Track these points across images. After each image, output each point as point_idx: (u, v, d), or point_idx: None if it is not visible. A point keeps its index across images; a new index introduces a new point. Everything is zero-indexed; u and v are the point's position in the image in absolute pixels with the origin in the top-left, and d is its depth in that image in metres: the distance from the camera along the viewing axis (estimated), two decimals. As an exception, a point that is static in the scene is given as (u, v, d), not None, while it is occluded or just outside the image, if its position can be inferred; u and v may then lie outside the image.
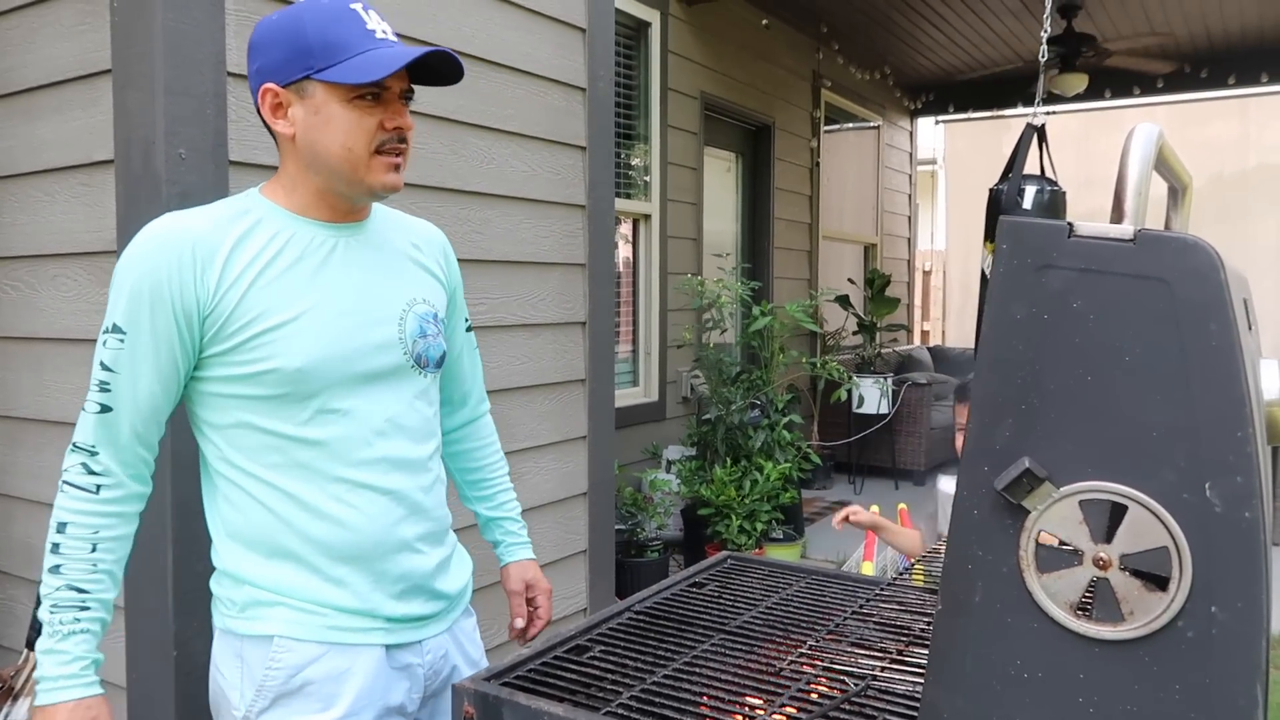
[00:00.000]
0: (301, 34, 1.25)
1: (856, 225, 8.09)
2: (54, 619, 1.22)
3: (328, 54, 1.25)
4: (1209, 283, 0.82)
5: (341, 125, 1.27)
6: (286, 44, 1.26)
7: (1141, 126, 0.96)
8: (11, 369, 2.37)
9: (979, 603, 0.92)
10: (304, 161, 1.32)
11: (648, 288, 5.19)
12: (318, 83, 1.26)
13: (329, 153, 1.29)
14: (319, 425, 1.31)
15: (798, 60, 6.81)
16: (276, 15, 1.30)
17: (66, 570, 1.23)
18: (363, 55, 1.25)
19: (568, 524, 3.14)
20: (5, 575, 2.42)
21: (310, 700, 1.30)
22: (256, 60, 1.31)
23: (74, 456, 1.27)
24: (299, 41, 1.25)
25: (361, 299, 1.35)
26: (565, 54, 3.02)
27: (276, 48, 1.27)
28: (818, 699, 1.23)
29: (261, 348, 1.28)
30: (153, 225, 1.30)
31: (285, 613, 1.31)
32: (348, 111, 1.27)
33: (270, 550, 1.32)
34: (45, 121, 2.22)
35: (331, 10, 1.27)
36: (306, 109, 1.28)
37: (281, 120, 1.30)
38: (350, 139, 1.28)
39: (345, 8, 1.28)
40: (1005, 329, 0.90)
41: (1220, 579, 0.83)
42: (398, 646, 1.38)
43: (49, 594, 1.22)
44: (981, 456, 0.91)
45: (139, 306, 1.24)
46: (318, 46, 1.25)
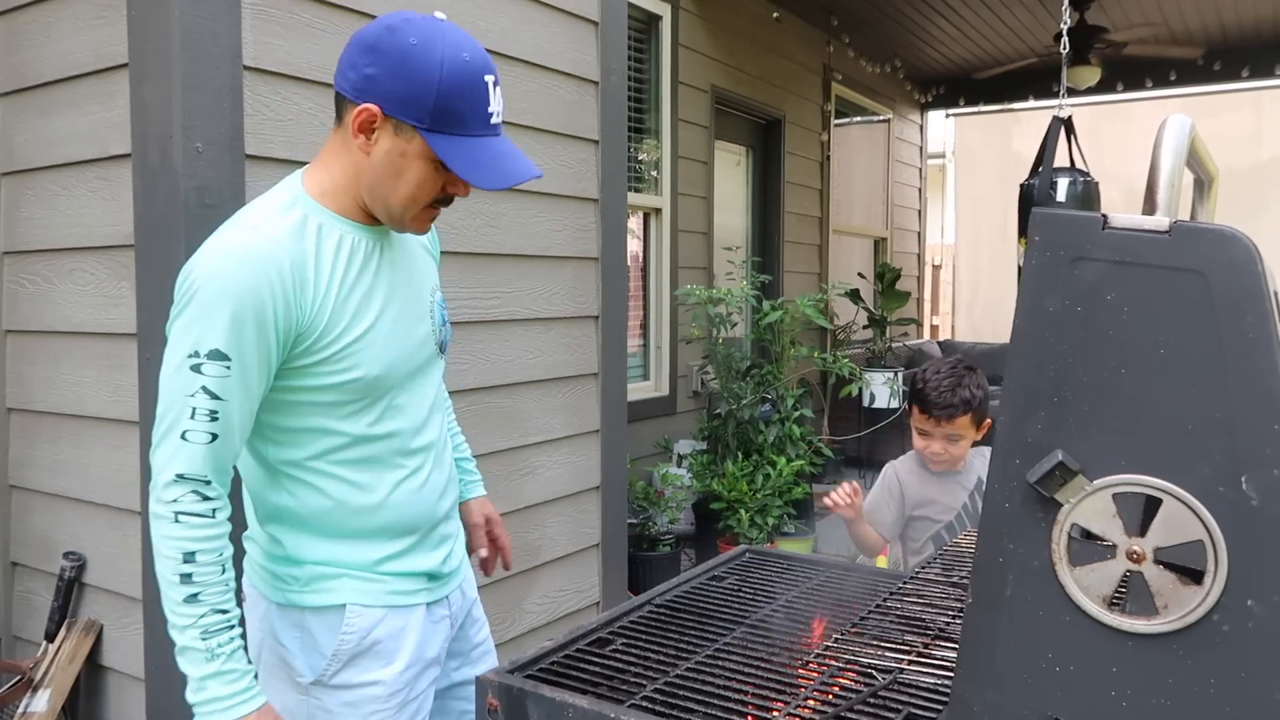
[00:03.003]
0: (430, 87, 1.23)
1: (866, 219, 8.07)
2: (211, 643, 1.23)
3: (445, 120, 1.25)
4: (1246, 274, 0.82)
5: (416, 178, 1.30)
6: (412, 84, 1.24)
7: (1174, 118, 0.95)
8: (28, 363, 2.38)
9: (1010, 596, 0.91)
10: (363, 180, 1.33)
11: (658, 282, 5.18)
12: (422, 137, 1.26)
13: (392, 192, 1.32)
14: (385, 422, 1.39)
15: (808, 53, 6.78)
16: (415, 40, 1.25)
17: (206, 597, 1.24)
18: (476, 141, 1.27)
19: (581, 518, 3.14)
20: (23, 568, 2.43)
21: (377, 658, 1.41)
22: (372, 67, 1.26)
23: (181, 486, 1.24)
24: (425, 93, 1.24)
25: (407, 298, 1.42)
26: (578, 47, 3.01)
27: (400, 79, 1.24)
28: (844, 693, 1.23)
29: (348, 358, 1.32)
30: (236, 242, 1.27)
31: (351, 583, 1.40)
32: (430, 171, 1.30)
33: (333, 532, 1.40)
34: (62, 116, 2.23)
35: (466, 78, 1.25)
36: (395, 146, 1.28)
37: (364, 138, 1.29)
38: (418, 192, 1.31)
39: (479, 80, 1.27)
40: (1038, 321, 0.89)
41: (1256, 572, 0.82)
42: (435, 602, 1.51)
43: (194, 622, 1.23)
44: (1013, 449, 0.90)
45: (243, 331, 1.23)
46: (441, 110, 1.24)
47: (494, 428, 2.78)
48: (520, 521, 2.90)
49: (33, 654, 2.29)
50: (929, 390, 2.27)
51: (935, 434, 2.29)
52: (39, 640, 2.29)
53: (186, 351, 1.23)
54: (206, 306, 1.22)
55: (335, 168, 1.35)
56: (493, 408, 2.77)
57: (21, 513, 2.43)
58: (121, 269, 2.12)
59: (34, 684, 2.19)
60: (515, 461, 2.87)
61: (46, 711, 2.15)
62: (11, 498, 2.44)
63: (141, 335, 2.07)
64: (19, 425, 2.42)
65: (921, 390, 2.29)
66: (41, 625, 2.28)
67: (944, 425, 2.27)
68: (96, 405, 2.21)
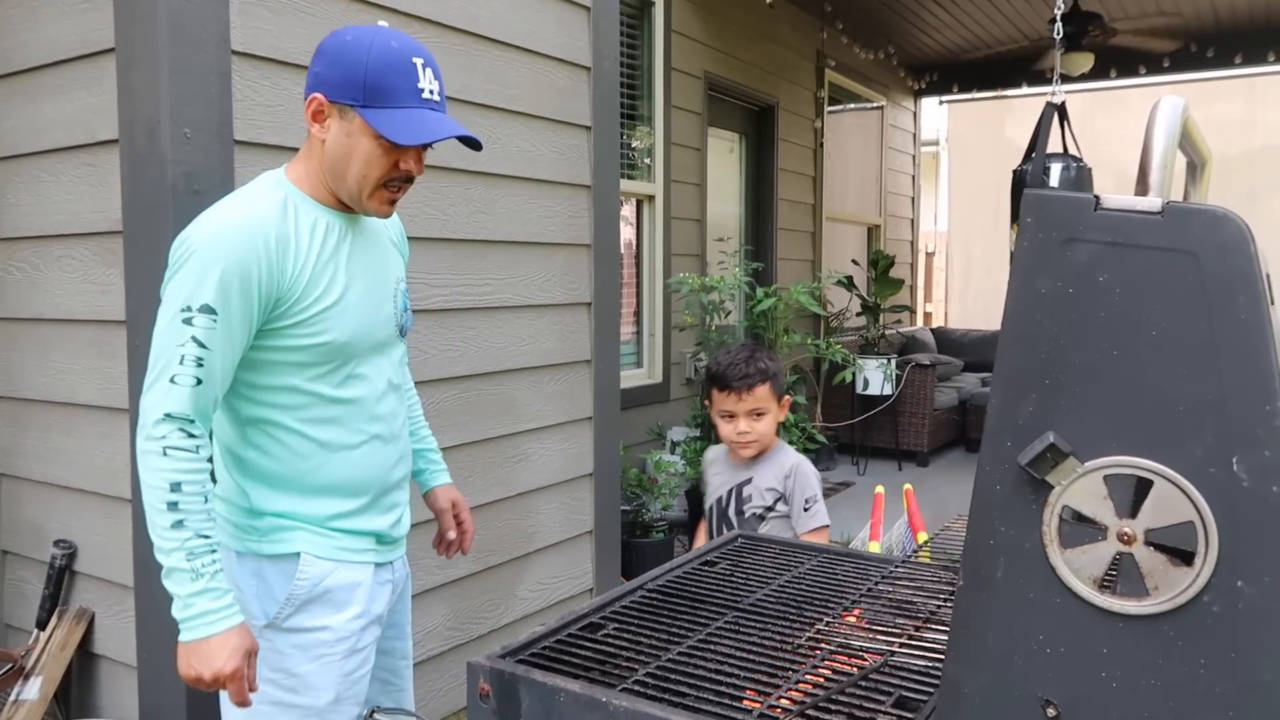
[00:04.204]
0: (361, 68, 1.41)
1: (860, 206, 8.06)
2: (195, 564, 1.36)
3: (377, 96, 1.42)
4: (1238, 255, 0.81)
5: (364, 155, 1.46)
6: (346, 70, 1.42)
7: (1166, 99, 0.95)
8: (17, 350, 2.36)
9: (1001, 578, 0.91)
10: (325, 165, 1.50)
11: (651, 269, 5.17)
12: (358, 114, 1.43)
13: (346, 170, 1.48)
14: (348, 387, 1.54)
15: (802, 40, 6.76)
16: (350, 37, 1.44)
17: (190, 523, 1.37)
18: (405, 111, 1.42)
19: (574, 505, 3.14)
20: (14, 556, 2.42)
21: (328, 606, 1.55)
22: (318, 65, 1.46)
23: (169, 424, 1.37)
24: (356, 74, 1.41)
25: (373, 279, 1.59)
26: (570, 32, 2.99)
27: (337, 68, 1.43)
28: (835, 676, 1.23)
29: (320, 323, 1.48)
30: (229, 214, 1.44)
31: (305, 535, 1.53)
32: (374, 146, 1.45)
33: (293, 487, 1.53)
34: (48, 101, 2.20)
35: (393, 58, 1.43)
36: (342, 128, 1.46)
37: (318, 126, 1.47)
38: (367, 169, 1.47)
39: (406, 60, 1.44)
40: (1030, 303, 0.89)
41: (1247, 553, 0.82)
42: (382, 565, 1.64)
43: (180, 545, 1.36)
44: (1005, 431, 0.90)
45: (229, 289, 1.38)
46: (371, 86, 1.41)
47: (487, 415, 2.77)
48: (513, 508, 2.90)
49: (24, 642, 2.28)
50: (725, 368, 2.29)
51: (739, 411, 2.27)
52: (30, 628, 2.28)
53: (180, 305, 1.38)
54: (200, 266, 1.38)
55: (309, 159, 1.52)
56: (485, 395, 2.76)
57: (12, 501, 2.42)
58: (110, 255, 2.11)
59: (25, 672, 2.18)
60: (508, 448, 2.86)
61: (39, 699, 2.15)
62: (1, 486, 2.43)
63: (131, 322, 2.06)
64: (8, 413, 2.41)
65: (718, 371, 2.29)
66: (33, 613, 2.27)
67: (745, 399, 2.26)
68: (86, 393, 2.20)
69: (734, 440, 2.31)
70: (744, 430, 2.29)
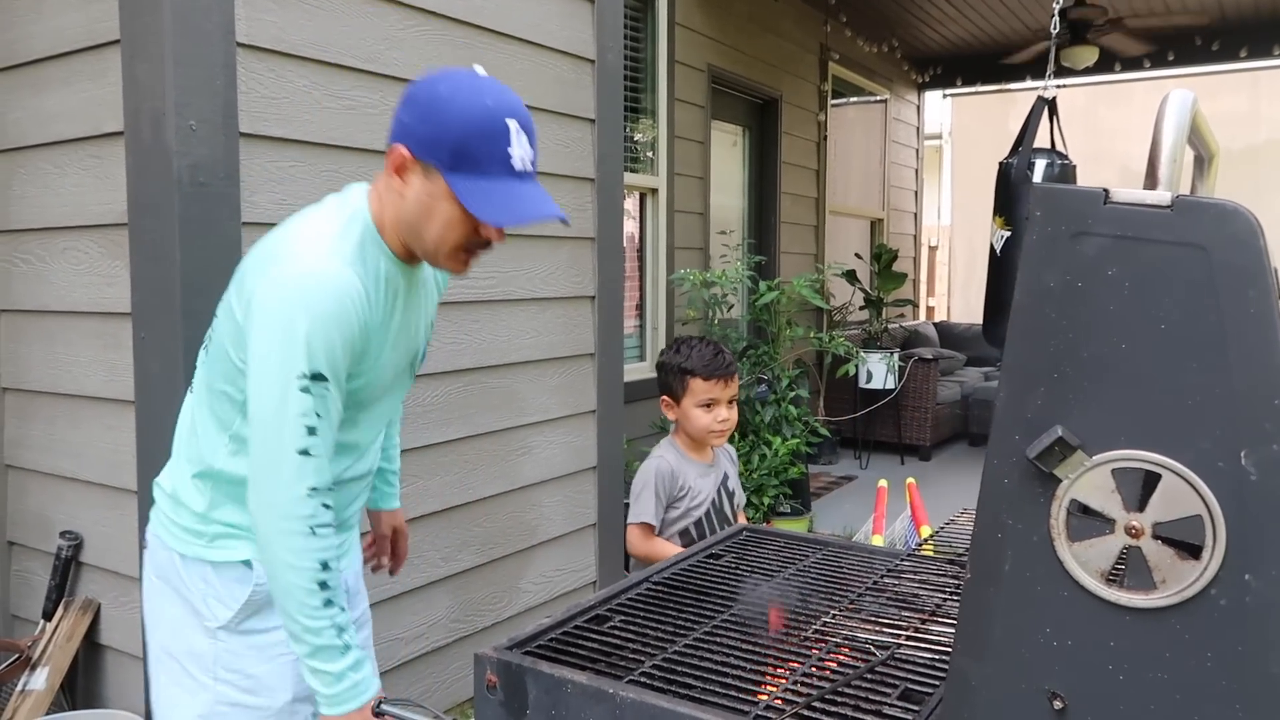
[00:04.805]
0: (449, 129, 1.30)
1: (863, 200, 8.05)
2: (345, 637, 1.33)
3: (464, 161, 1.30)
4: (1248, 249, 0.81)
5: (444, 219, 1.35)
6: (434, 127, 1.31)
7: (1176, 93, 0.94)
8: (23, 342, 2.37)
9: (1009, 571, 0.91)
10: (403, 219, 1.39)
11: (654, 262, 5.17)
12: (443, 178, 1.32)
13: (424, 230, 1.37)
14: (349, 431, 1.46)
15: (805, 33, 6.74)
16: (444, 89, 1.32)
17: (337, 599, 1.32)
18: (493, 183, 1.31)
19: (577, 498, 3.14)
20: (20, 547, 2.43)
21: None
22: (406, 114, 1.35)
23: (315, 499, 1.31)
24: (445, 134, 1.30)
25: (408, 328, 1.51)
26: (574, 25, 2.99)
27: (425, 123, 1.32)
28: (841, 668, 1.24)
29: (360, 376, 1.41)
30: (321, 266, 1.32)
31: (251, 546, 1.45)
32: (456, 212, 1.34)
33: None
34: (54, 93, 2.21)
35: (487, 120, 1.31)
36: (425, 187, 1.34)
37: (399, 180, 1.36)
38: (446, 232, 1.36)
39: (499, 123, 1.31)
40: (1038, 297, 0.89)
41: (1255, 547, 0.82)
42: None
43: (330, 622, 1.32)
44: (1013, 425, 0.90)
45: (336, 358, 1.32)
46: (459, 150, 1.30)
47: (490, 408, 2.77)
48: (517, 501, 2.90)
49: (30, 633, 2.29)
50: (709, 359, 2.33)
51: (723, 398, 2.34)
52: (37, 619, 2.29)
53: (294, 372, 1.29)
54: (308, 331, 1.29)
55: (386, 203, 1.40)
56: (489, 388, 2.77)
57: (18, 492, 2.42)
58: (115, 248, 2.11)
59: (32, 662, 2.19)
60: (512, 441, 2.87)
61: (45, 689, 2.16)
62: (8, 477, 2.44)
63: (136, 314, 2.06)
64: (14, 405, 2.41)
65: (695, 365, 2.33)
66: (39, 604, 2.28)
67: (730, 385, 2.34)
68: (92, 385, 2.20)
69: (714, 429, 2.35)
70: (724, 417, 2.35)
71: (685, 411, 2.35)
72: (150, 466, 2.07)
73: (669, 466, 2.36)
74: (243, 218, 2.08)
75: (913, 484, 3.67)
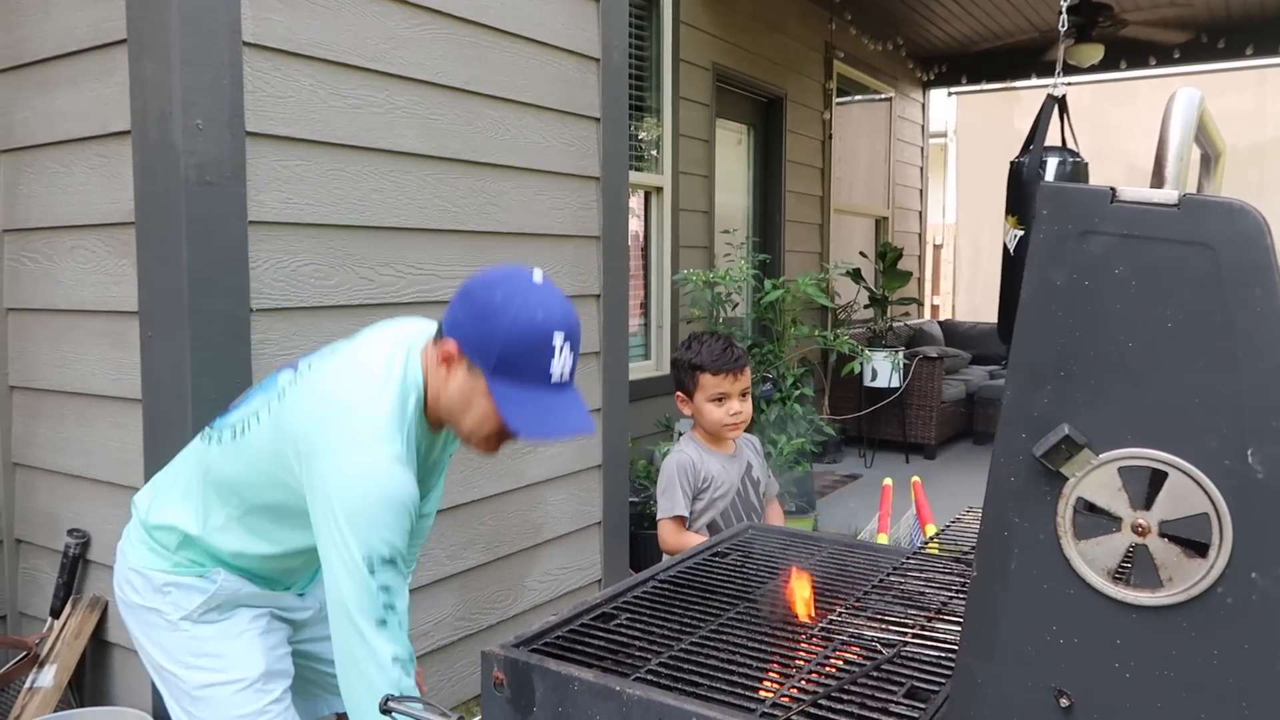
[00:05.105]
0: (497, 337, 1.39)
1: (868, 198, 8.04)
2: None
3: (506, 369, 1.40)
4: (1255, 247, 0.81)
5: (480, 413, 1.46)
6: (484, 332, 1.41)
7: (1183, 91, 0.94)
8: (30, 340, 2.37)
9: (1015, 569, 0.92)
10: (441, 400, 1.49)
11: (659, 261, 5.17)
12: (484, 379, 1.42)
13: (462, 418, 1.48)
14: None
15: (810, 31, 6.73)
16: (499, 296, 1.41)
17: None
18: (530, 393, 1.41)
19: (583, 496, 3.15)
20: (28, 545, 2.44)
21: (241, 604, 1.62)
22: (460, 309, 1.45)
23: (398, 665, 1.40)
24: (493, 342, 1.40)
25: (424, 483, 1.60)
26: (579, 23, 2.99)
27: (476, 326, 1.42)
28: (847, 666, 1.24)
29: None
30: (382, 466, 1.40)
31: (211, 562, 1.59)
32: (491, 409, 1.44)
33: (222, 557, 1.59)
34: (61, 92, 2.21)
35: (534, 335, 1.40)
36: (467, 381, 1.45)
37: (446, 368, 1.47)
38: (481, 425, 1.47)
39: (547, 338, 1.40)
40: (1045, 296, 0.89)
41: (1261, 545, 0.82)
42: None
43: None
44: (1020, 423, 0.90)
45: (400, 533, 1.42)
46: (504, 359, 1.40)
47: (496, 406, 2.78)
48: (522, 499, 2.91)
49: (38, 630, 2.30)
50: (718, 354, 2.34)
51: (733, 391, 2.35)
52: (44, 617, 2.30)
53: (365, 556, 1.38)
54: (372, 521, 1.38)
55: (433, 382, 1.50)
56: (495, 386, 2.77)
57: (25, 490, 2.43)
58: (122, 246, 2.12)
59: (40, 659, 2.20)
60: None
61: (53, 687, 2.16)
62: (15, 475, 2.45)
63: (143, 313, 2.07)
64: (22, 403, 2.42)
65: (705, 361, 2.34)
66: (47, 602, 2.29)
67: (740, 379, 2.36)
68: (99, 383, 2.21)
69: (728, 422, 2.37)
70: (737, 410, 2.36)
71: (699, 407, 2.38)
72: (157, 465, 2.07)
73: (689, 459, 2.39)
74: (249, 217, 2.09)
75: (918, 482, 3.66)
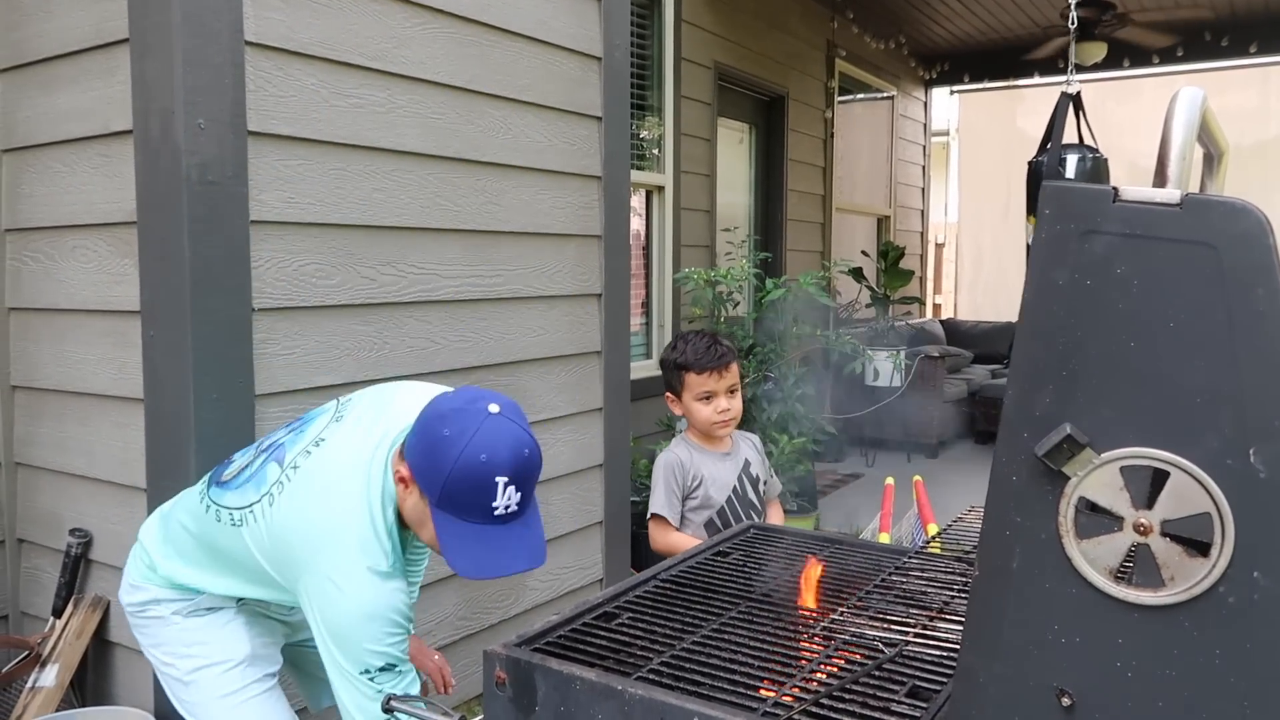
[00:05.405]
0: (442, 474, 1.44)
1: (870, 197, 8.04)
2: None
3: (449, 504, 1.45)
4: (1258, 247, 0.81)
5: (432, 533, 1.51)
6: (430, 465, 1.46)
7: (1186, 90, 0.94)
8: (32, 340, 2.38)
9: (1017, 568, 0.91)
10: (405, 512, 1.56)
11: (661, 260, 5.17)
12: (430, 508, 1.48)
13: (420, 532, 1.55)
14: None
15: (812, 29, 6.73)
16: (448, 432, 1.46)
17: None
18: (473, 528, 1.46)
19: (584, 495, 3.15)
20: (30, 545, 2.44)
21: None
22: (415, 434, 1.51)
23: None
24: (438, 478, 1.45)
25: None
26: (581, 22, 2.99)
27: (425, 459, 1.47)
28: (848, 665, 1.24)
29: None
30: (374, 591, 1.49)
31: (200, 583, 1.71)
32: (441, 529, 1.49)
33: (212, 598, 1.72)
34: (63, 92, 2.21)
35: (474, 476, 1.44)
36: (419, 504, 1.51)
37: (403, 488, 1.53)
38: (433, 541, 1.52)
39: (488, 480, 1.45)
40: (1047, 295, 0.89)
41: (1263, 545, 0.82)
42: None
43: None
44: (1021, 422, 0.90)
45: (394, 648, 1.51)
46: (447, 494, 1.45)
47: (498, 405, 2.78)
48: (524, 499, 2.91)
49: (40, 630, 2.30)
50: (701, 352, 2.34)
51: (719, 389, 2.34)
52: (46, 616, 2.30)
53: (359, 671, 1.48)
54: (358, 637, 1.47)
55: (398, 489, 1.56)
56: (496, 385, 2.77)
57: (28, 490, 2.44)
58: (124, 246, 2.12)
59: (42, 659, 2.20)
60: (519, 439, 2.87)
61: (55, 686, 2.17)
62: (18, 475, 2.45)
63: (145, 313, 2.07)
64: (24, 402, 2.42)
65: (689, 360, 2.34)
66: (49, 601, 2.29)
67: (725, 376, 2.34)
68: (101, 383, 2.21)
69: (715, 420, 2.36)
70: (725, 408, 2.35)
71: (688, 406, 2.37)
72: (159, 464, 2.08)
73: (678, 459, 2.38)
74: (251, 216, 2.09)
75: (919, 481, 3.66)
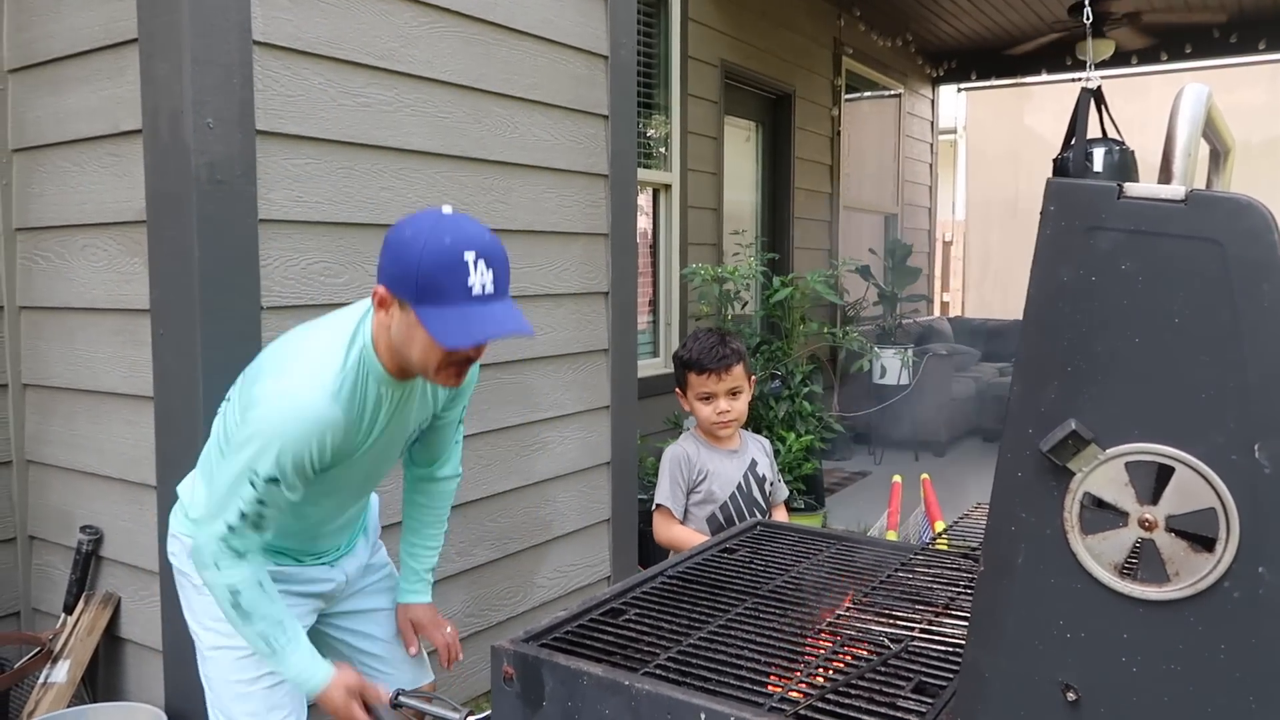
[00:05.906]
0: (413, 267, 1.46)
1: (877, 195, 8.02)
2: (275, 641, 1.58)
3: (428, 295, 1.46)
4: (1262, 243, 0.81)
5: (422, 345, 1.52)
6: (401, 267, 1.47)
7: (1190, 86, 0.94)
8: (43, 339, 2.39)
9: (1022, 564, 0.92)
10: (392, 346, 1.56)
11: (668, 258, 5.17)
12: (413, 310, 1.48)
13: (410, 355, 1.55)
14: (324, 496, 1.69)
15: (819, 27, 6.72)
16: (408, 233, 1.48)
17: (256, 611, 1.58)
18: (455, 309, 1.46)
19: (591, 493, 3.16)
20: (41, 541, 2.46)
21: None
22: (383, 257, 1.52)
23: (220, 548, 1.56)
24: (410, 273, 1.46)
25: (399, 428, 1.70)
26: (587, 20, 2.99)
27: (395, 264, 1.48)
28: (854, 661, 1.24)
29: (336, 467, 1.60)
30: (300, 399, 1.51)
31: None
32: (428, 336, 1.49)
33: None
34: (72, 92, 2.23)
35: (444, 256, 1.45)
36: (402, 319, 1.51)
37: (383, 313, 1.54)
38: (426, 355, 1.53)
39: (457, 257, 1.46)
40: (1052, 291, 0.89)
41: (1268, 540, 0.82)
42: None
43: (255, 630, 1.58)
44: (1027, 418, 0.90)
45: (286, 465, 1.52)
46: (422, 285, 1.46)
47: (505, 403, 2.79)
48: (531, 497, 2.92)
49: (52, 626, 2.32)
50: (703, 352, 2.34)
51: (719, 391, 2.35)
52: (58, 612, 2.32)
53: (245, 467, 1.51)
54: (263, 445, 1.50)
55: (379, 333, 1.58)
56: (504, 383, 2.78)
57: (39, 487, 2.45)
58: (134, 245, 2.13)
59: (53, 655, 2.22)
60: (526, 437, 2.88)
61: (66, 682, 2.18)
62: (29, 472, 2.47)
63: (155, 311, 2.08)
64: (35, 401, 2.44)
65: (694, 356, 2.35)
66: (60, 598, 2.31)
67: (725, 379, 2.34)
68: (111, 381, 2.22)
69: (714, 421, 2.37)
70: (724, 409, 2.36)
71: (692, 404, 2.40)
72: (169, 461, 2.09)
73: (684, 452, 2.40)
74: (259, 215, 2.10)
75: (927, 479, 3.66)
